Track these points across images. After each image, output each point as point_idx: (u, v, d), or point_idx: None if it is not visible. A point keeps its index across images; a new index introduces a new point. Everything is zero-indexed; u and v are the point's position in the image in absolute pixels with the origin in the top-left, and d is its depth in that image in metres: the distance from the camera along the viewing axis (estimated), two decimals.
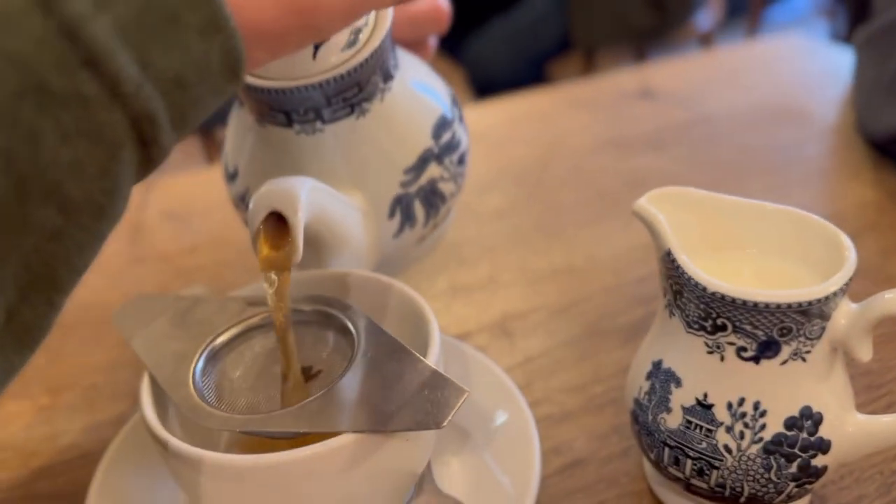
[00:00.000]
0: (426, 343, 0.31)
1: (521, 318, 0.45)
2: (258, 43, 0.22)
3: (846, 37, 0.86)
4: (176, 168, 0.67)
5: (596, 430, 0.37)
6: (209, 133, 1.53)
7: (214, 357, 0.31)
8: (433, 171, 0.35)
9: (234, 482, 0.27)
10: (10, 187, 0.17)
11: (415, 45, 0.37)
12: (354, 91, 0.32)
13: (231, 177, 0.37)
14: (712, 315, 0.29)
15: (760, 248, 0.33)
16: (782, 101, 0.66)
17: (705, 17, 1.75)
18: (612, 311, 0.44)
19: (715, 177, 0.56)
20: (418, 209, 0.35)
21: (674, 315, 0.31)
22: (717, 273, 0.29)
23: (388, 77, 0.33)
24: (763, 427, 0.30)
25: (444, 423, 0.27)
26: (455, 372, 0.38)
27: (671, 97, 0.68)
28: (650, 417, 0.32)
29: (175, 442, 0.27)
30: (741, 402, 0.30)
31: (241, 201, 0.36)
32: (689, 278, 0.29)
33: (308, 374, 0.32)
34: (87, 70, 0.17)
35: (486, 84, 1.65)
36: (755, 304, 0.28)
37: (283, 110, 0.32)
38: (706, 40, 1.77)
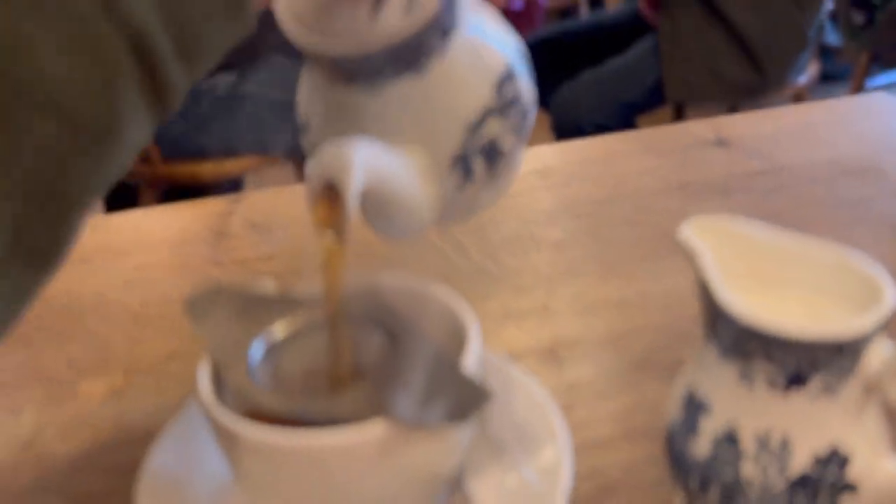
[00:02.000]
0: (464, 350, 0.32)
1: (569, 345, 0.46)
2: None
3: None
4: (267, 185, 0.71)
5: (632, 459, 0.38)
6: (301, 162, 1.60)
7: (271, 346, 0.34)
8: (494, 126, 0.35)
9: (269, 456, 0.29)
10: (9, 96, 0.18)
11: None
12: (414, 52, 0.32)
13: (303, 128, 0.38)
14: (743, 345, 0.30)
15: (806, 284, 0.33)
16: (858, 158, 0.65)
17: (801, 77, 1.72)
18: (660, 346, 0.45)
19: (780, 226, 0.56)
20: (478, 164, 0.35)
21: (710, 342, 0.32)
22: (756, 305, 0.30)
23: (447, 33, 0.33)
24: (789, 463, 0.30)
25: (468, 419, 0.28)
26: (497, 389, 0.39)
27: (744, 147, 0.68)
28: (680, 444, 0.32)
29: (219, 410, 0.29)
30: (768, 434, 0.30)
31: (312, 153, 0.37)
32: (723, 308, 0.30)
33: (353, 372, 0.34)
34: None
35: (571, 133, 1.65)
36: (783, 338, 0.28)
37: (344, 71, 0.33)
38: (800, 99, 1.74)
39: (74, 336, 0.49)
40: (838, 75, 2.30)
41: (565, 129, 1.68)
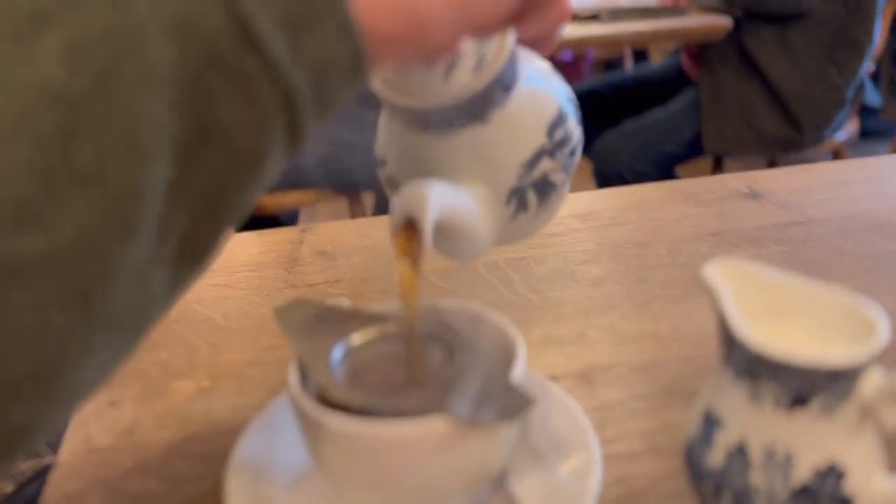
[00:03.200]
0: (512, 363, 0.38)
1: (603, 370, 0.51)
2: (377, 48, 0.27)
3: None
4: (328, 219, 0.78)
5: (657, 471, 0.43)
6: (356, 196, 1.68)
7: (348, 351, 0.40)
8: (546, 164, 0.41)
9: (344, 441, 0.34)
10: (194, 132, 0.23)
11: (536, 41, 0.39)
12: (479, 105, 0.38)
13: (381, 162, 0.44)
14: (753, 368, 0.35)
15: (813, 320, 0.38)
16: (885, 215, 0.70)
17: (840, 134, 1.76)
18: (687, 375, 0.50)
19: (807, 275, 0.61)
20: (531, 198, 0.41)
21: (725, 366, 0.37)
22: (767, 335, 0.35)
23: (508, 88, 0.39)
24: (792, 474, 0.34)
25: (514, 420, 0.34)
26: (538, 403, 0.45)
27: (776, 200, 0.73)
28: (697, 455, 0.37)
29: (306, 400, 0.35)
30: (774, 448, 0.35)
31: (388, 184, 0.44)
32: (736, 335, 0.35)
33: (418, 377, 0.40)
34: (253, 54, 0.24)
35: (612, 180, 1.71)
36: (787, 363, 0.33)
37: (418, 120, 0.39)
38: (838, 155, 1.78)
39: (166, 343, 0.55)
40: (880, 133, 2.32)
41: (606, 176, 1.73)
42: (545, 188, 0.41)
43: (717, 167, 1.80)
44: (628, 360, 0.52)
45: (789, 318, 0.38)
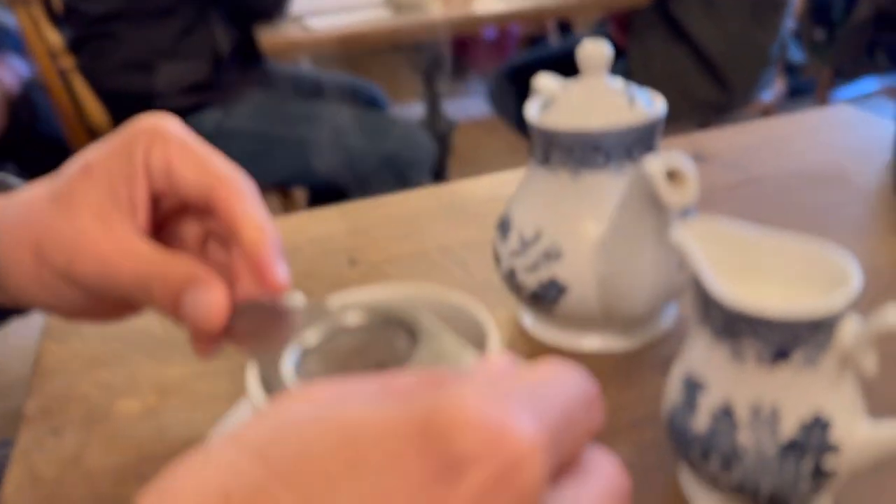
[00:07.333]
0: (483, 347, 0.36)
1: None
2: None
3: None
4: None
5: (637, 444, 0.42)
6: (287, 192, 1.64)
7: (307, 349, 0.37)
8: None
9: None
10: None
11: None
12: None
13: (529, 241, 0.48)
14: (733, 327, 0.33)
15: (784, 273, 0.37)
16: (827, 167, 0.70)
17: (768, 94, 1.79)
18: (656, 342, 0.49)
19: None
20: None
21: (702, 328, 0.35)
22: (742, 292, 0.34)
23: None
24: (779, 429, 0.34)
25: None
26: None
27: (721, 161, 0.73)
28: (681, 421, 0.36)
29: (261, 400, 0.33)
30: (759, 405, 0.34)
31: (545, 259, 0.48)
32: (713, 295, 0.33)
33: (382, 369, 0.38)
34: None
35: None
36: (766, 319, 0.32)
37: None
38: (768, 113, 1.81)
39: (106, 361, 0.51)
40: (804, 90, 2.38)
41: None
42: None
43: None
44: None
45: (760, 273, 0.37)
